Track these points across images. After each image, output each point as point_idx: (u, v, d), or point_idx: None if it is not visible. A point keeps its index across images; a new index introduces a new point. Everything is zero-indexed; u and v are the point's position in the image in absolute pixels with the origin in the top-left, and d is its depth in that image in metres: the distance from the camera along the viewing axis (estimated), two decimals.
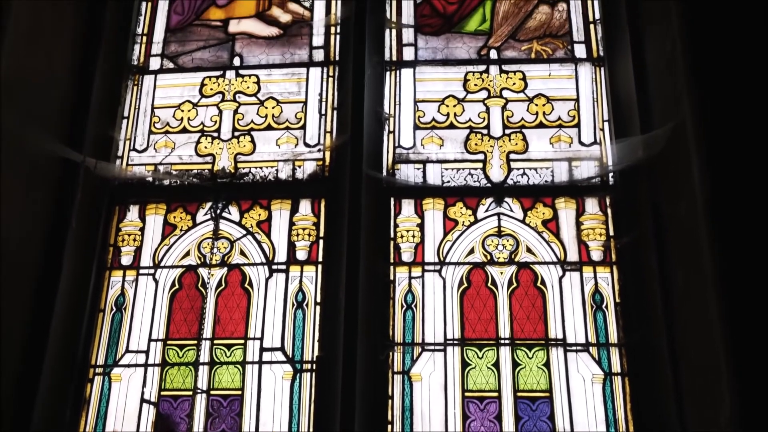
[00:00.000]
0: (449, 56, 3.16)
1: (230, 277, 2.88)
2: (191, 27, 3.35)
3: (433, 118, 3.05)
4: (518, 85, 3.06)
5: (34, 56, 2.79)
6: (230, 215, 2.97)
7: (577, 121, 2.98)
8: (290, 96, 3.15)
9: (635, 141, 2.74)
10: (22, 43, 2.71)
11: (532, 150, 2.96)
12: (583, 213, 2.84)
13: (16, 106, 2.67)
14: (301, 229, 2.92)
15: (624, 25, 2.92)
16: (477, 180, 2.94)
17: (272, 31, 3.29)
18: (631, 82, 2.82)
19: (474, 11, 3.24)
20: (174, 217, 2.99)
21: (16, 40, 2.68)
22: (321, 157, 3.03)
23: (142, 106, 3.19)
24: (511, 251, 2.81)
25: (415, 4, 3.27)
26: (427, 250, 2.85)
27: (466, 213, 2.88)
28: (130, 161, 3.10)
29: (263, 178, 3.03)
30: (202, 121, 3.14)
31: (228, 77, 3.21)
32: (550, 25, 3.17)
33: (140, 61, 3.27)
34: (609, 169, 2.87)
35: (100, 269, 2.91)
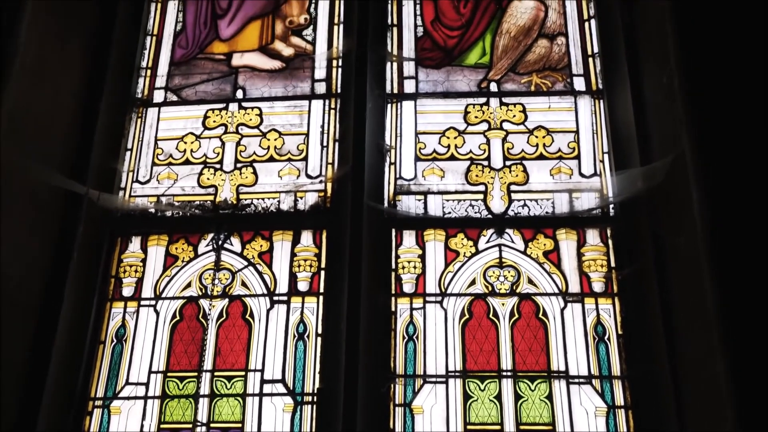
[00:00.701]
0: (450, 89, 3.20)
1: (231, 309, 2.87)
2: (195, 60, 3.39)
3: (434, 150, 3.07)
4: (518, 117, 3.09)
5: (39, 90, 2.82)
6: (232, 246, 2.97)
7: (577, 152, 3.00)
8: (292, 128, 3.18)
9: (635, 173, 2.76)
10: (28, 77, 2.75)
11: (533, 181, 2.98)
12: (584, 244, 2.85)
13: (20, 139, 2.69)
14: (303, 260, 2.92)
15: (622, 58, 2.96)
16: (478, 211, 2.95)
17: (275, 64, 3.34)
18: (630, 114, 2.85)
19: (474, 45, 3.28)
20: (176, 248, 2.99)
21: (22, 73, 2.72)
22: (322, 189, 3.04)
23: (146, 138, 3.22)
24: (513, 282, 2.81)
25: (415, 38, 3.32)
26: (429, 281, 2.85)
27: (467, 244, 2.88)
28: (133, 193, 3.12)
29: (265, 209, 3.04)
30: (205, 152, 3.17)
31: (231, 109, 3.25)
32: (549, 58, 3.21)
33: (144, 94, 3.31)
34: (609, 200, 2.88)
35: (101, 301, 2.91)
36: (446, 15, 3.35)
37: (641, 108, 2.83)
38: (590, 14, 3.24)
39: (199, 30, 3.44)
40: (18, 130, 2.68)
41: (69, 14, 3.03)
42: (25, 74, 2.74)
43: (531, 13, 3.30)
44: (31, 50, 2.77)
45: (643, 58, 2.88)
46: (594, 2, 3.24)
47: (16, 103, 2.68)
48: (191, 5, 3.50)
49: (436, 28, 3.33)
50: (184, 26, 3.46)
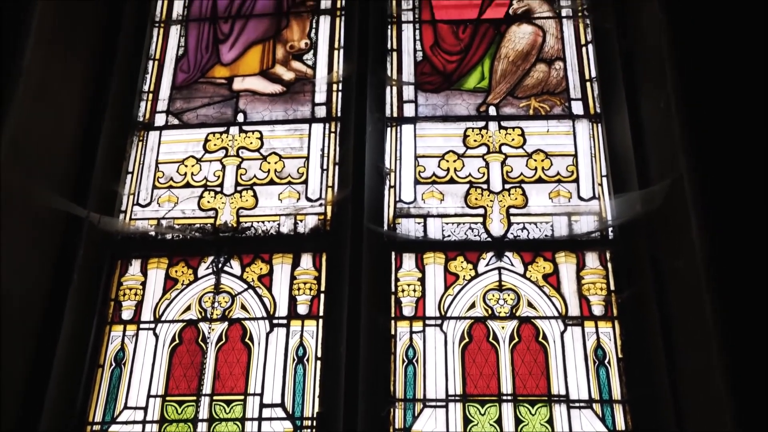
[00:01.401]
0: (449, 113, 3.22)
1: (231, 332, 2.86)
2: (196, 84, 3.42)
3: (433, 173, 3.09)
4: (517, 140, 3.11)
5: (42, 113, 2.84)
6: (232, 269, 2.97)
7: (576, 176, 3.02)
8: (292, 151, 3.20)
9: (634, 196, 2.77)
10: (31, 100, 2.77)
11: (532, 204, 2.99)
12: (583, 267, 2.85)
13: (22, 161, 2.71)
14: (302, 283, 2.92)
15: (619, 83, 2.99)
16: (477, 234, 2.96)
17: (276, 88, 3.37)
18: (628, 138, 2.87)
19: (473, 69, 3.31)
20: (176, 271, 2.99)
21: (25, 96, 2.73)
22: (322, 212, 3.05)
23: (147, 161, 3.23)
24: (512, 306, 2.80)
25: (415, 63, 3.35)
26: (428, 305, 2.85)
27: (467, 267, 2.89)
28: (134, 216, 3.13)
29: (265, 232, 3.05)
30: (206, 176, 3.18)
31: (231, 133, 3.26)
32: (547, 82, 3.25)
33: (146, 118, 3.33)
34: (608, 223, 2.89)
35: (100, 324, 2.90)
36: (445, 40, 3.39)
37: (639, 132, 2.85)
38: (587, 39, 3.28)
39: (201, 54, 3.48)
40: (20, 153, 2.70)
41: (72, 38, 3.06)
42: (28, 97, 2.75)
43: (529, 38, 3.34)
44: (35, 73, 2.79)
45: (640, 82, 2.91)
46: (591, 28, 3.28)
47: (18, 126, 2.69)
48: (193, 30, 3.54)
49: (436, 53, 3.36)
50: (186, 51, 3.49)
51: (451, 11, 3.44)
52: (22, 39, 2.77)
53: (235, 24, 3.53)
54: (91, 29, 3.23)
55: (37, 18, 2.82)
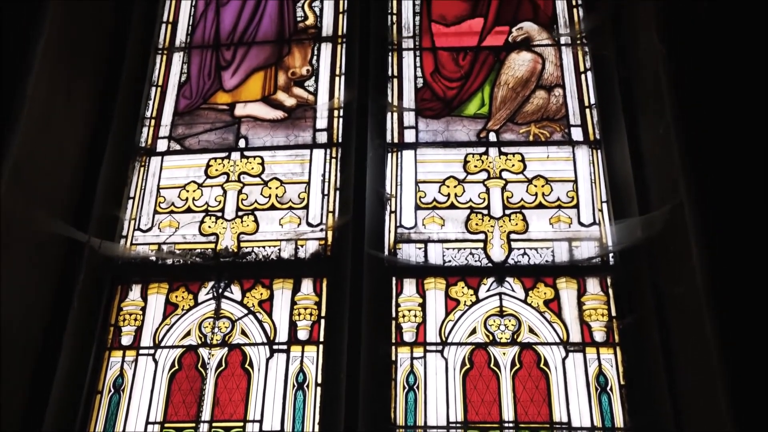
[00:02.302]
0: (449, 138, 3.24)
1: (230, 358, 2.85)
2: (198, 110, 3.45)
3: (434, 199, 3.10)
4: (517, 166, 3.13)
5: (45, 138, 2.86)
6: (232, 294, 2.97)
7: (576, 202, 3.03)
8: (294, 177, 3.21)
9: (634, 222, 2.78)
10: (34, 126, 2.78)
11: (532, 230, 2.99)
12: (584, 293, 2.84)
13: (24, 186, 2.72)
14: (303, 308, 2.91)
15: (619, 109, 3.01)
16: (478, 260, 2.96)
17: (277, 114, 3.39)
18: (627, 164, 2.89)
19: (473, 96, 3.34)
20: (176, 296, 2.99)
21: (29, 124, 2.75)
22: (323, 237, 3.05)
23: (148, 186, 3.25)
24: (514, 331, 2.79)
25: (415, 89, 3.38)
26: (429, 330, 2.84)
27: (468, 293, 2.88)
28: (135, 241, 3.13)
29: (266, 257, 3.05)
30: (207, 201, 3.19)
31: (233, 158, 3.28)
32: (547, 109, 3.27)
33: (148, 143, 3.35)
34: (609, 249, 2.89)
35: (99, 349, 2.89)
36: (446, 67, 3.42)
37: (639, 158, 2.87)
38: (586, 67, 3.31)
39: (203, 81, 3.51)
40: (22, 178, 2.71)
41: (76, 65, 3.09)
42: (32, 123, 2.77)
43: (528, 65, 3.37)
44: (38, 100, 2.81)
45: (639, 109, 2.94)
46: (590, 55, 3.31)
47: (21, 152, 2.71)
48: (196, 57, 3.58)
49: (436, 80, 3.39)
50: (188, 77, 3.53)
51: (451, 39, 3.48)
52: (28, 66, 2.80)
53: (237, 51, 3.57)
54: (94, 56, 3.26)
55: (42, 45, 2.85)
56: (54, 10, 2.94)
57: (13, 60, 2.81)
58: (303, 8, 3.64)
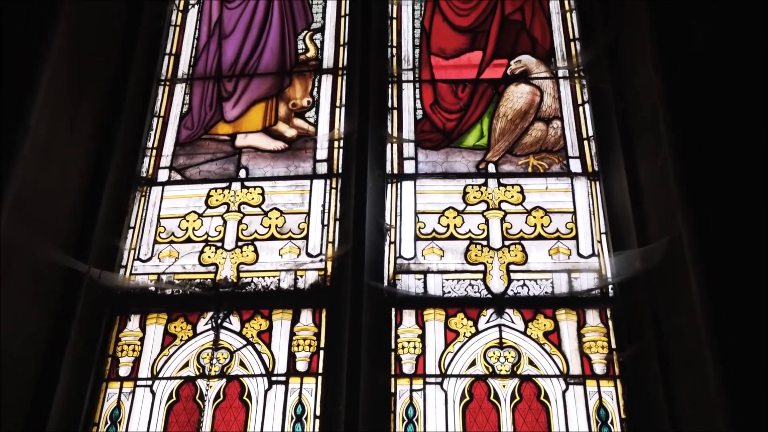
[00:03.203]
0: (449, 170, 3.26)
1: (229, 389, 2.83)
2: (200, 141, 3.47)
3: (433, 230, 3.10)
4: (516, 198, 3.14)
5: (47, 168, 2.87)
6: (231, 325, 2.96)
7: (575, 233, 3.04)
8: (294, 207, 3.22)
9: (633, 254, 2.78)
10: (37, 156, 2.80)
11: (532, 261, 2.99)
12: (584, 325, 2.84)
13: (25, 216, 2.72)
14: (302, 339, 2.90)
15: (616, 142, 3.04)
16: (477, 291, 2.96)
17: (278, 144, 3.41)
18: (626, 196, 2.91)
19: (472, 127, 3.37)
20: (174, 326, 2.98)
21: (31, 153, 2.76)
22: (323, 267, 3.05)
23: (149, 216, 3.25)
24: (513, 363, 2.78)
25: (415, 121, 3.41)
26: (429, 362, 2.82)
27: (467, 324, 2.87)
28: (134, 270, 3.13)
29: (265, 287, 3.05)
30: (207, 231, 3.19)
31: (233, 189, 3.29)
32: (545, 141, 3.30)
33: (149, 173, 3.37)
34: (608, 280, 2.89)
35: (97, 380, 2.86)
36: (445, 99, 3.45)
37: (637, 190, 2.89)
38: (584, 99, 3.34)
39: (205, 112, 3.54)
40: (23, 207, 2.71)
41: (80, 95, 3.12)
42: (33, 153, 2.78)
43: (527, 97, 3.41)
44: (41, 129, 2.83)
45: (637, 141, 2.96)
46: (587, 88, 3.35)
47: (23, 181, 2.72)
48: (198, 88, 3.61)
49: (435, 111, 3.43)
50: (190, 108, 3.56)
51: (451, 71, 3.53)
52: (32, 96, 2.82)
53: (238, 82, 3.61)
54: (98, 86, 3.29)
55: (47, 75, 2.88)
56: (60, 41, 2.97)
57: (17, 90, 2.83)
58: (304, 41, 3.69)
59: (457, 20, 3.65)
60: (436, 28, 3.64)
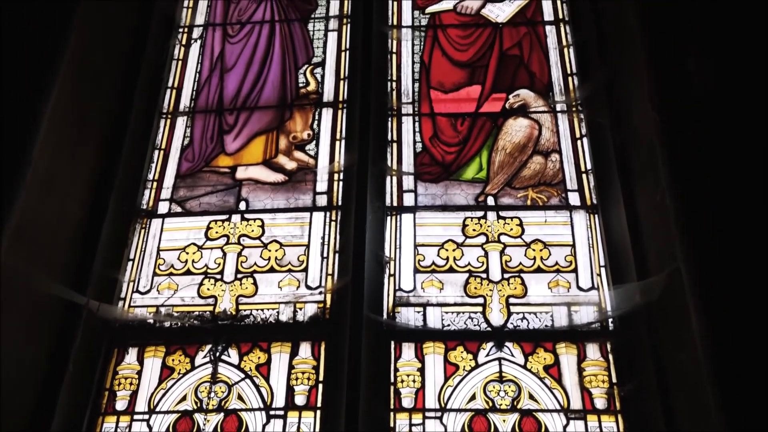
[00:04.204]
0: (448, 202, 3.27)
1: (226, 424, 2.79)
2: (200, 173, 3.48)
3: (432, 262, 3.10)
4: (515, 230, 3.15)
5: (48, 200, 2.88)
6: (229, 358, 2.93)
7: (575, 266, 3.03)
8: (293, 239, 3.22)
9: (632, 287, 2.78)
10: (38, 188, 2.81)
11: (531, 294, 2.99)
12: (584, 359, 2.82)
13: (25, 248, 2.73)
14: (301, 372, 2.88)
15: (615, 175, 3.06)
16: (477, 324, 2.94)
17: (278, 177, 3.43)
18: (624, 229, 2.91)
19: (471, 160, 3.39)
20: (173, 359, 2.95)
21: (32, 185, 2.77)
22: (322, 300, 3.04)
23: (149, 248, 3.25)
24: (513, 398, 2.75)
25: (414, 153, 3.43)
26: (428, 396, 2.79)
27: (467, 357, 2.86)
28: (133, 303, 3.11)
29: (264, 320, 3.04)
30: (206, 263, 3.19)
31: (233, 221, 3.30)
32: (544, 174, 3.32)
33: (149, 206, 3.37)
34: (608, 314, 2.88)
35: (93, 415, 2.83)
36: (444, 132, 3.48)
37: (636, 223, 2.89)
38: (582, 133, 3.37)
39: (206, 144, 3.56)
40: (23, 240, 2.72)
41: (83, 127, 3.14)
42: (34, 185, 2.79)
43: (525, 131, 3.43)
44: (43, 162, 2.84)
45: (635, 175, 2.98)
46: (585, 122, 3.38)
47: (24, 213, 2.73)
48: (199, 121, 3.64)
49: (435, 144, 3.45)
50: (191, 141, 3.58)
51: (450, 105, 3.56)
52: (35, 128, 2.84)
53: (240, 115, 3.64)
54: (100, 119, 3.32)
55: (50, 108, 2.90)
56: (64, 74, 3.00)
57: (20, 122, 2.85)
58: (305, 74, 3.73)
59: (456, 55, 3.70)
60: (435, 63, 3.69)
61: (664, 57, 2.86)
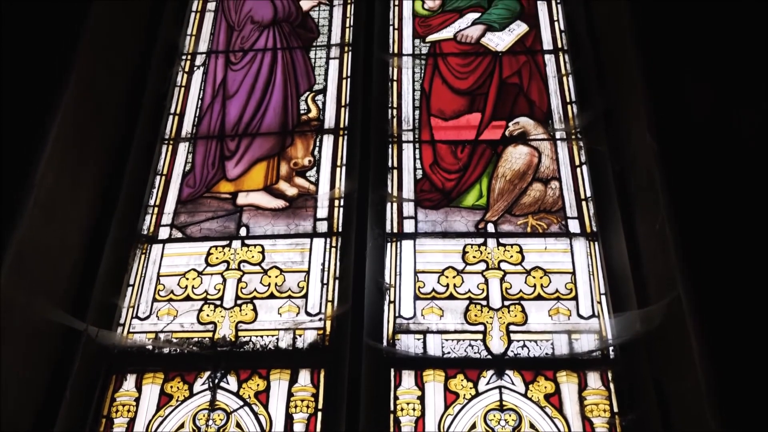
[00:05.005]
0: (448, 229, 3.28)
1: None
2: (201, 199, 3.49)
3: (433, 289, 3.10)
4: (516, 257, 3.15)
5: (49, 225, 2.88)
6: (228, 385, 2.91)
7: (575, 293, 3.03)
8: (293, 265, 3.22)
9: (633, 315, 2.77)
10: (39, 213, 2.81)
11: (532, 322, 2.98)
12: (585, 387, 2.80)
13: (25, 273, 2.72)
14: (300, 400, 2.86)
15: (614, 203, 3.07)
16: (477, 351, 2.93)
17: (279, 203, 3.44)
18: (624, 257, 2.91)
19: (471, 187, 3.40)
20: (171, 386, 2.93)
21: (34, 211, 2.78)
22: (322, 327, 3.03)
23: (149, 274, 3.25)
24: (514, 427, 2.73)
25: (415, 180, 3.44)
26: (428, 424, 2.77)
27: (467, 385, 2.84)
28: (132, 329, 3.10)
29: (263, 346, 3.02)
30: (206, 289, 3.18)
31: (234, 247, 3.30)
32: (544, 201, 3.33)
33: (150, 231, 3.38)
34: (609, 342, 2.86)
35: None
36: (444, 159, 3.50)
37: (635, 251, 2.90)
38: (581, 161, 3.38)
39: (207, 170, 3.58)
40: (23, 264, 2.71)
41: (85, 153, 3.16)
42: (36, 211, 2.80)
43: (525, 158, 3.45)
44: (45, 187, 2.85)
45: (634, 203, 2.99)
46: (585, 150, 3.39)
47: (25, 239, 2.73)
48: (201, 147, 3.66)
49: (435, 171, 3.47)
50: (192, 167, 3.60)
51: (450, 132, 3.58)
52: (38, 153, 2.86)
53: (241, 141, 3.66)
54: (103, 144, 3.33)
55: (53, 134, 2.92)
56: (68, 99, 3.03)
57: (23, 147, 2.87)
58: (306, 101, 3.76)
59: (456, 83, 3.74)
60: (435, 91, 3.72)
61: (661, 84, 2.88)
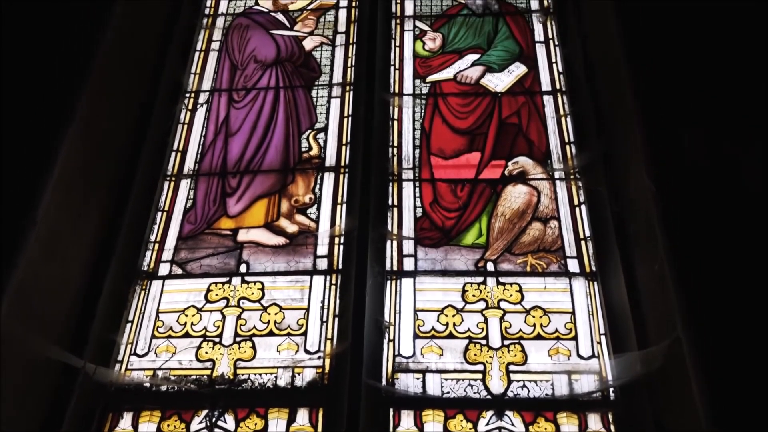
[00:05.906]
0: (448, 267, 3.28)
1: None
2: (202, 235, 3.50)
3: (432, 328, 3.09)
4: (515, 297, 3.15)
5: (49, 262, 2.89)
6: (225, 424, 2.88)
7: (575, 333, 3.02)
8: (293, 303, 3.22)
9: (633, 356, 2.76)
10: (40, 250, 2.82)
11: (531, 362, 2.96)
12: (586, 429, 2.77)
13: (24, 309, 2.72)
14: None
15: (613, 243, 3.08)
16: (477, 391, 2.91)
17: (279, 240, 3.45)
18: (624, 297, 2.91)
19: (471, 226, 3.42)
20: (168, 425, 2.89)
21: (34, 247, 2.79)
22: (321, 365, 3.01)
23: (148, 310, 3.24)
24: None
25: (415, 218, 3.46)
26: None
27: (467, 426, 2.81)
28: (130, 366, 3.08)
29: (262, 385, 3.00)
30: (205, 326, 3.17)
31: (234, 283, 3.30)
32: (543, 240, 3.34)
33: (150, 267, 3.38)
34: (609, 383, 2.85)
35: None
36: (444, 198, 3.53)
37: (635, 291, 2.90)
38: (580, 200, 3.40)
39: (209, 207, 3.60)
40: (23, 302, 2.71)
41: (87, 189, 3.18)
42: (37, 247, 2.80)
43: (524, 197, 3.48)
44: (46, 224, 2.86)
45: (633, 243, 3.00)
46: (583, 190, 3.42)
47: (26, 274, 2.73)
48: (202, 184, 3.68)
49: (435, 210, 3.49)
50: (194, 203, 3.61)
51: (450, 171, 3.62)
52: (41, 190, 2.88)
53: (243, 178, 3.69)
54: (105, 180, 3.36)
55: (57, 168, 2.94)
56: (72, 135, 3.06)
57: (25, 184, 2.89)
58: (308, 140, 3.80)
59: (456, 122, 3.78)
60: (435, 130, 3.77)
61: (657, 129, 2.92)
